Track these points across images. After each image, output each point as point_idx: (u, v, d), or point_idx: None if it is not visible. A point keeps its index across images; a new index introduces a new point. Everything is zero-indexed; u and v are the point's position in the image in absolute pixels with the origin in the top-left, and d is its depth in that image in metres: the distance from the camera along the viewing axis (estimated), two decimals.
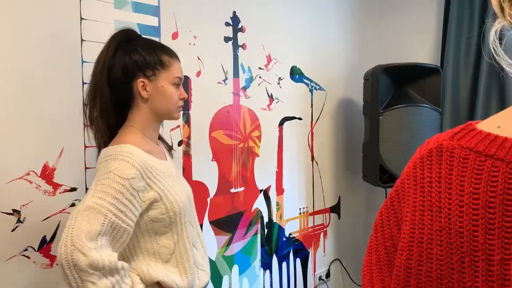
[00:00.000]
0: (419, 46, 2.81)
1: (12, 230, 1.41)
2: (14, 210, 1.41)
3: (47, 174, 1.48)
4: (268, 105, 2.27)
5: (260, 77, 2.22)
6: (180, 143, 1.89)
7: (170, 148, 1.45)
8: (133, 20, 1.70)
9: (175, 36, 1.85)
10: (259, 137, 2.24)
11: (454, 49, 2.61)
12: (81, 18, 1.56)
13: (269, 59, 2.26)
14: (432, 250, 0.57)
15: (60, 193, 1.51)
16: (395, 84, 2.54)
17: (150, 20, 1.76)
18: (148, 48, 1.25)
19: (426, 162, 0.61)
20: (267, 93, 2.27)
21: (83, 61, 1.56)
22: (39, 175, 1.46)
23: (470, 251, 0.53)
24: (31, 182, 1.45)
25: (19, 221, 1.42)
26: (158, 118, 1.30)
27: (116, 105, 1.27)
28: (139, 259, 1.21)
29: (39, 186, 1.47)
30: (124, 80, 1.23)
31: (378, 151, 2.43)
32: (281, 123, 2.35)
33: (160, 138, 1.42)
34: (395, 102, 2.47)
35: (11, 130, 1.40)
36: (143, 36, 1.34)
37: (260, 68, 2.22)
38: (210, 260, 2.02)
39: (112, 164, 1.13)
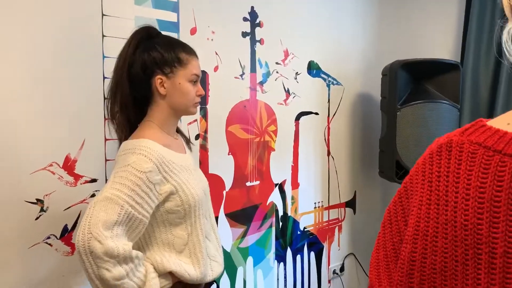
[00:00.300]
0: (439, 41, 2.78)
1: (36, 219, 1.47)
2: (37, 200, 1.47)
3: (69, 165, 1.54)
4: (285, 100, 2.29)
5: (277, 72, 2.24)
6: (197, 137, 1.93)
7: (188, 142, 1.49)
8: (153, 16, 1.74)
9: (193, 31, 1.88)
10: (275, 132, 2.26)
11: (475, 45, 2.57)
12: (103, 14, 1.60)
13: (286, 54, 2.27)
14: (437, 243, 0.59)
15: (81, 184, 1.57)
16: (413, 80, 2.53)
17: (169, 16, 1.80)
18: (166, 46, 1.28)
19: (436, 157, 0.63)
20: (284, 88, 2.28)
21: (104, 56, 1.60)
22: (61, 166, 1.52)
23: (474, 243, 0.55)
24: (53, 173, 1.51)
25: (42, 210, 1.48)
26: (176, 114, 1.34)
27: (136, 100, 1.31)
28: (154, 249, 1.26)
29: (61, 177, 1.52)
30: (143, 77, 1.26)
31: (395, 147, 2.42)
32: (297, 118, 2.37)
33: (179, 131, 1.46)
34: (413, 98, 2.45)
35: (36, 123, 1.45)
36: (162, 32, 1.37)
37: (277, 63, 2.24)
38: (225, 252, 2.06)
39: (131, 158, 1.17)
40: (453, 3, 2.72)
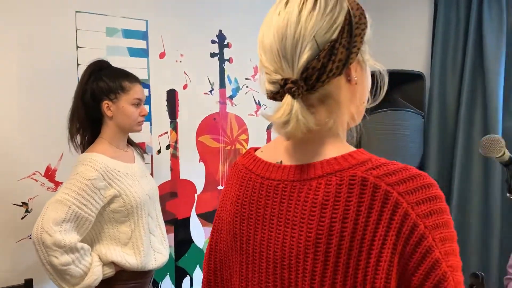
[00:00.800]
0: (411, 52, 2.93)
1: (22, 218, 1.80)
2: (23, 203, 1.80)
3: (49, 174, 1.86)
4: (256, 111, 2.54)
5: (247, 87, 2.49)
6: (168, 147, 2.21)
7: (142, 153, 1.77)
8: (123, 44, 2.04)
9: (162, 55, 2.17)
10: (246, 140, 2.51)
11: (441, 55, 2.71)
12: (77, 46, 1.91)
13: (256, 70, 2.52)
14: (221, 235, 0.83)
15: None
16: None
17: (139, 44, 2.09)
18: (112, 76, 1.57)
19: (229, 171, 0.88)
20: (254, 100, 2.53)
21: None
22: (43, 175, 1.84)
23: (233, 234, 0.79)
24: (36, 180, 1.83)
25: (27, 211, 1.80)
26: (123, 131, 1.62)
27: (92, 122, 1.61)
28: (102, 242, 1.55)
29: (43, 183, 1.84)
30: (92, 103, 1.56)
31: None
32: (269, 127, 2.60)
33: (133, 144, 1.75)
34: (380, 106, 2.61)
35: (22, 137, 1.78)
36: (132, 58, 1.67)
37: (247, 79, 2.48)
38: (198, 248, 2.33)
39: (79, 168, 1.47)
40: (422, 16, 2.86)
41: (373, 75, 0.80)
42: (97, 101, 1.56)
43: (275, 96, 0.70)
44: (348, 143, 0.79)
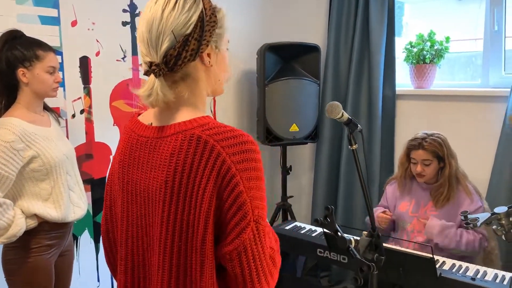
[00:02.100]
0: (309, 27, 3.26)
1: None
2: None
3: None
4: None
5: None
6: (82, 112, 2.34)
7: (57, 117, 1.92)
8: (34, 12, 2.11)
9: (74, 23, 2.26)
10: None
11: (335, 31, 3.06)
12: None
13: None
14: (113, 177, 1.07)
15: None
16: (282, 60, 3.00)
17: (50, 12, 2.17)
18: (26, 45, 1.69)
19: (121, 132, 1.12)
20: None
21: None
22: None
23: (119, 177, 1.04)
24: None
25: None
26: (38, 97, 1.76)
27: (8, 88, 1.72)
28: (24, 198, 1.71)
29: None
30: (7, 70, 1.67)
31: (265, 116, 2.92)
32: None
33: (48, 109, 1.88)
34: (280, 75, 2.94)
35: None
36: (44, 25, 1.86)
37: None
38: None
39: None
40: None
41: None
42: (12, 69, 1.68)
43: (147, 73, 0.95)
44: None
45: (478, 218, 1.38)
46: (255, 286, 0.95)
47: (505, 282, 1.74)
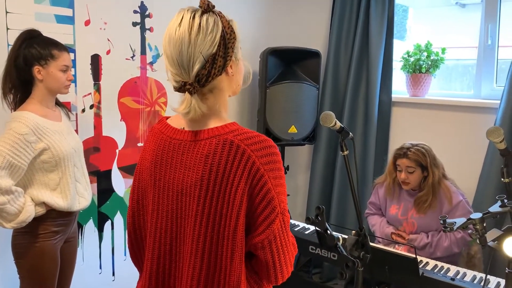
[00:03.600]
0: (311, 34, 3.37)
1: None
2: None
3: None
4: None
5: None
6: (91, 107, 2.46)
7: (67, 112, 2.04)
8: (51, 12, 2.23)
9: (87, 23, 2.38)
10: (165, 103, 2.82)
11: (336, 37, 3.17)
12: (6, 12, 2.08)
13: None
14: (142, 175, 1.19)
15: None
16: (284, 63, 3.12)
17: (65, 11, 2.29)
18: (42, 44, 1.80)
19: (148, 134, 1.22)
20: None
21: (8, 45, 2.09)
22: None
23: (150, 174, 1.16)
24: None
25: None
26: (51, 93, 1.88)
27: (23, 83, 1.84)
28: (34, 187, 1.83)
29: None
30: (24, 67, 1.79)
31: (265, 117, 3.04)
32: None
33: (60, 105, 2.00)
34: (281, 78, 3.05)
35: None
36: (59, 24, 1.99)
37: None
38: (119, 196, 2.65)
39: (13, 124, 1.72)
40: (323, 5, 3.30)
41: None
42: (28, 66, 1.80)
43: (179, 90, 1.06)
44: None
45: (455, 222, 1.50)
46: (283, 268, 1.11)
47: (482, 284, 1.86)
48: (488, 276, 1.88)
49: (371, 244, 1.76)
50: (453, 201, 2.26)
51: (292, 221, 2.54)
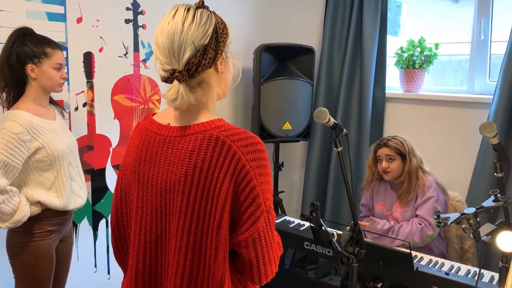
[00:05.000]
0: (305, 30, 3.37)
1: None
2: None
3: None
4: None
5: None
6: (84, 105, 2.45)
7: (61, 110, 2.02)
8: (42, 9, 2.21)
9: (79, 20, 2.36)
10: (159, 100, 2.81)
11: (330, 34, 3.18)
12: None
13: None
14: (125, 172, 1.18)
15: None
16: (277, 60, 3.11)
17: (57, 9, 2.27)
18: (36, 42, 1.79)
19: (134, 130, 1.22)
20: None
21: (0, 43, 2.07)
22: None
23: (134, 171, 1.15)
24: None
25: None
26: (45, 91, 1.86)
27: (17, 81, 1.83)
28: (29, 186, 1.82)
29: None
30: (18, 65, 1.78)
31: (259, 114, 3.03)
32: None
33: (54, 103, 1.99)
34: (275, 75, 3.05)
35: None
36: (51, 22, 1.98)
37: None
38: (112, 194, 2.64)
39: (6, 123, 1.71)
40: (317, 1, 3.29)
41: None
42: (21, 64, 1.78)
43: (167, 80, 1.06)
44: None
45: (449, 217, 1.50)
46: (267, 268, 1.09)
47: (476, 278, 1.87)
48: (482, 270, 1.90)
49: (366, 240, 1.77)
50: (425, 195, 2.29)
51: (287, 218, 2.54)
